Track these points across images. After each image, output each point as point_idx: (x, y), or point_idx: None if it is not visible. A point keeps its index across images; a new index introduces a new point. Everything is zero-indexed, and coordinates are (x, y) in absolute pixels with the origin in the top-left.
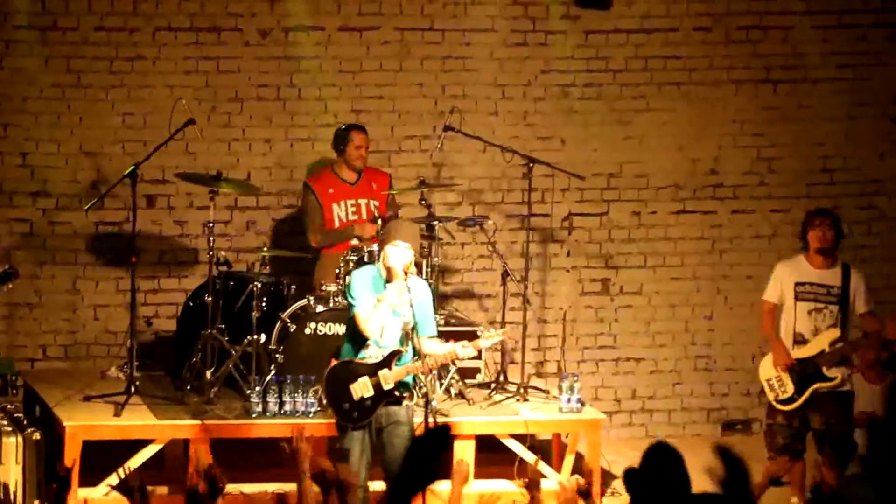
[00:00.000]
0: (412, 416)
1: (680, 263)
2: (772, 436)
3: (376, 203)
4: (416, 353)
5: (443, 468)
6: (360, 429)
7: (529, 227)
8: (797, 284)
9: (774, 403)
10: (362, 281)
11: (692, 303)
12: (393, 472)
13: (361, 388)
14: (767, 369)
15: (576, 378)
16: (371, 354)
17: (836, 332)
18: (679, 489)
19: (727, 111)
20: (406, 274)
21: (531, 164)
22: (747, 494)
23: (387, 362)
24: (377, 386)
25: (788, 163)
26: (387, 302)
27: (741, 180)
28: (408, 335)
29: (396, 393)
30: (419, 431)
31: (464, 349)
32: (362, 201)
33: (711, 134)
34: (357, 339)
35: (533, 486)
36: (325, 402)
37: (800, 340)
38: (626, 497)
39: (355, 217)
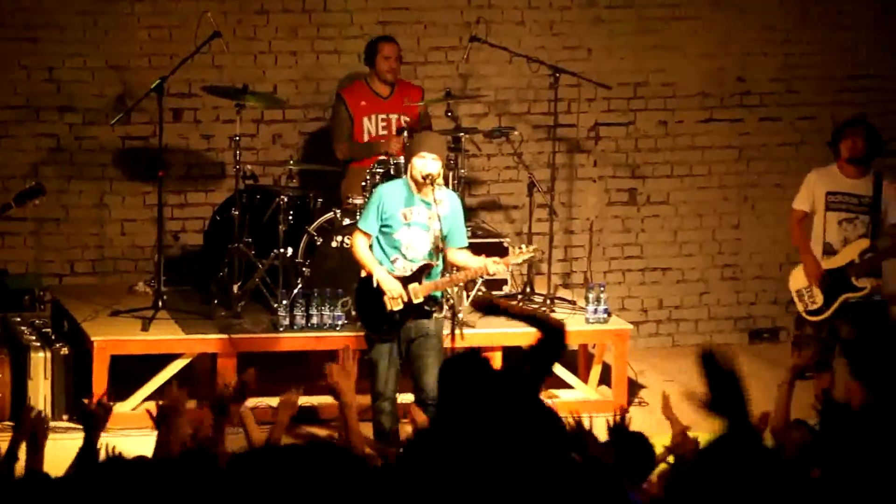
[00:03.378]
0: (441, 329)
1: (707, 172)
2: (799, 347)
3: (407, 118)
4: (447, 267)
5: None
6: (388, 341)
7: (556, 137)
8: (829, 194)
9: (803, 314)
10: (382, 198)
11: (719, 212)
12: (422, 383)
13: (391, 302)
14: (797, 280)
15: (602, 288)
16: (400, 267)
17: (865, 243)
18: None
19: (755, 18)
20: (433, 185)
21: (557, 75)
22: (743, 416)
23: (417, 276)
24: (407, 299)
25: (816, 70)
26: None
27: (768, 87)
28: (438, 248)
29: (426, 307)
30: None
31: (495, 265)
32: (393, 116)
33: (738, 41)
34: (387, 251)
35: None
36: (354, 314)
37: (829, 251)
38: (653, 406)
39: (385, 132)
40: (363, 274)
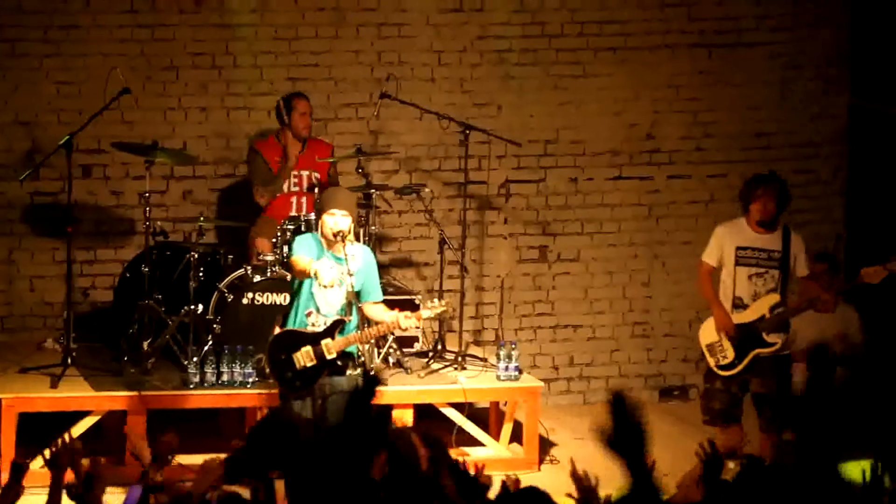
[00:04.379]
0: (355, 387)
1: (617, 230)
2: (708, 400)
3: (318, 175)
4: (362, 322)
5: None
6: (301, 398)
7: (466, 194)
8: (738, 249)
9: (714, 369)
10: (303, 243)
11: (629, 269)
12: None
13: (304, 358)
14: (708, 334)
15: (513, 346)
16: (314, 323)
17: (776, 297)
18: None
19: (663, 76)
20: (344, 241)
21: (468, 131)
22: (641, 462)
23: (330, 332)
24: (319, 355)
25: (724, 127)
26: (322, 272)
27: (677, 145)
28: (351, 304)
29: (339, 363)
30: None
31: (406, 319)
32: (304, 173)
33: (647, 99)
34: (301, 307)
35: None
36: (267, 370)
37: (739, 305)
38: (563, 464)
39: (296, 189)
40: (276, 330)
